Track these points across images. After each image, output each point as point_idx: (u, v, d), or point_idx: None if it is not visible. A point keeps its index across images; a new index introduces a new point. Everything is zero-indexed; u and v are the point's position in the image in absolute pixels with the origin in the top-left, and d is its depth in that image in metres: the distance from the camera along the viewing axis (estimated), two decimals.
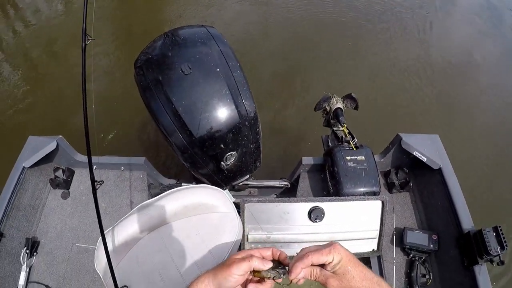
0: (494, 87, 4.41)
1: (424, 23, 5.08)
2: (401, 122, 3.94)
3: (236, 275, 0.80)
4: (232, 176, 2.06)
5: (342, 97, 2.35)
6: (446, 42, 4.88)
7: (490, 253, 1.75)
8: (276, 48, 4.71)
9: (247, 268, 0.81)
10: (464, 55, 4.73)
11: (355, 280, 0.81)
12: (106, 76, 4.33)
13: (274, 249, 0.87)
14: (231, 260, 0.83)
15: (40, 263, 2.14)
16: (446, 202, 2.11)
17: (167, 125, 1.69)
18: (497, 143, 3.89)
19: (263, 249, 0.86)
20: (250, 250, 0.86)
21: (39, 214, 2.28)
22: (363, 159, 2.09)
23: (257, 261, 0.82)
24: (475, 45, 4.88)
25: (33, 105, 4.11)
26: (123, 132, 3.77)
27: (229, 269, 0.80)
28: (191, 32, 1.83)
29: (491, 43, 4.93)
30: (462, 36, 5.02)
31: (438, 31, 5.03)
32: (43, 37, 4.90)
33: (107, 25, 4.99)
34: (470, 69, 4.58)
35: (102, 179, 1.47)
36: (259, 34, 4.90)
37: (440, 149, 2.25)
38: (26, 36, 4.93)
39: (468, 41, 4.95)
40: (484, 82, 4.47)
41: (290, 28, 4.98)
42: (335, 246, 0.82)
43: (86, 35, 1.18)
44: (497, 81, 4.48)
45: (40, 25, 5.05)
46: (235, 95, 1.71)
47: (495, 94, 4.33)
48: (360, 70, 4.49)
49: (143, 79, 1.72)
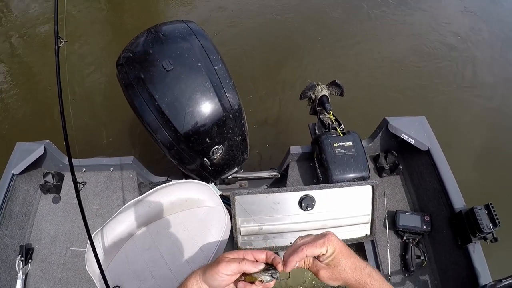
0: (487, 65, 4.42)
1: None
2: (388, 105, 3.94)
3: (223, 274, 0.78)
4: (221, 170, 2.06)
5: (326, 84, 2.34)
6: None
7: (483, 231, 1.77)
8: (261, 36, 4.69)
9: (236, 270, 0.79)
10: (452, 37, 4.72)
11: (346, 272, 0.81)
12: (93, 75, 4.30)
13: (269, 253, 0.83)
14: (221, 258, 0.81)
15: (35, 270, 2.13)
16: (436, 182, 2.13)
17: (151, 122, 1.68)
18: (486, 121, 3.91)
19: (257, 251, 0.83)
20: (244, 252, 0.83)
21: (32, 220, 2.26)
22: (350, 145, 2.09)
23: (248, 265, 0.79)
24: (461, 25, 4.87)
25: (18, 110, 4.06)
26: (112, 132, 3.75)
27: (217, 267, 0.79)
28: (171, 29, 1.83)
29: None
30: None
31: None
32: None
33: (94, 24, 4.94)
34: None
35: (85, 181, 1.46)
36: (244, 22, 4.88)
37: (427, 131, 2.25)
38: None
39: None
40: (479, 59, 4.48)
41: (273, 14, 4.96)
42: (329, 237, 0.81)
43: (59, 38, 1.16)
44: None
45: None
46: (217, 88, 1.70)
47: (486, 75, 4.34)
48: (346, 57, 4.48)
49: (126, 77, 1.71)
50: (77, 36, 4.66)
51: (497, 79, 4.28)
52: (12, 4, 5.31)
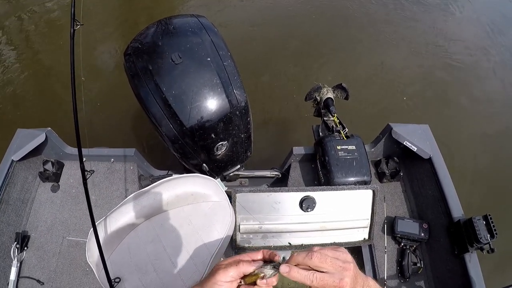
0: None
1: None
2: (392, 112, 3.94)
3: (223, 282, 0.77)
4: (223, 166, 2.06)
5: (332, 87, 2.35)
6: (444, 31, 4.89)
7: (480, 241, 1.77)
8: (272, 36, 4.66)
9: (235, 274, 0.77)
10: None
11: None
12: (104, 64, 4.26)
13: (265, 251, 0.82)
14: (217, 267, 0.79)
15: (31, 258, 2.11)
16: (436, 191, 2.13)
17: (157, 114, 1.67)
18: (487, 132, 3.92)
19: (253, 253, 0.82)
20: (237, 256, 0.82)
21: (29, 208, 2.25)
22: (353, 149, 2.10)
23: (246, 265, 0.78)
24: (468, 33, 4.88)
25: (21, 96, 3.99)
26: (116, 123, 3.72)
27: (215, 277, 0.77)
28: (181, 22, 1.82)
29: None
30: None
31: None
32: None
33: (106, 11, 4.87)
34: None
35: (93, 169, 1.44)
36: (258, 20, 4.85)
37: (430, 139, 2.26)
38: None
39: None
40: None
41: (286, 18, 4.92)
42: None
43: (75, 21, 1.15)
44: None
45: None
46: (225, 84, 1.70)
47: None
48: (351, 61, 4.48)
49: (133, 67, 1.70)
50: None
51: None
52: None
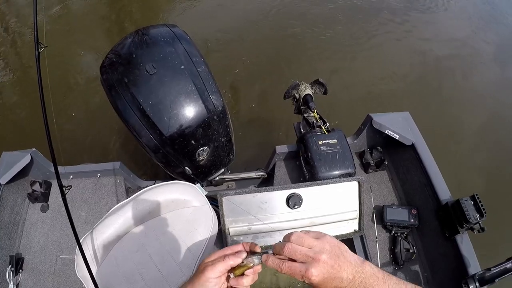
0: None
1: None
2: (372, 102, 3.98)
3: (213, 278, 0.78)
4: (207, 171, 2.07)
5: (310, 83, 2.36)
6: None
7: (470, 221, 1.78)
8: (251, 38, 4.70)
9: (223, 268, 0.79)
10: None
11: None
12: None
13: (244, 243, 0.85)
14: (204, 265, 0.81)
15: (26, 280, 2.11)
16: (422, 176, 2.15)
17: (136, 126, 1.69)
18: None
19: (233, 246, 0.84)
20: (220, 251, 0.83)
21: (20, 230, 2.25)
22: (335, 142, 2.11)
23: (232, 258, 0.80)
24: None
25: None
26: (97, 138, 3.72)
27: (204, 274, 0.78)
28: (154, 33, 1.83)
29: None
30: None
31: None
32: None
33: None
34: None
35: (71, 184, 1.46)
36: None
37: (411, 126, 2.28)
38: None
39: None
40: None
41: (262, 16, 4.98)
42: (308, 274, 0.74)
43: (39, 43, 1.17)
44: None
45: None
46: (201, 90, 1.71)
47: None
48: (329, 54, 4.52)
49: (109, 80, 1.71)
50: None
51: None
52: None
